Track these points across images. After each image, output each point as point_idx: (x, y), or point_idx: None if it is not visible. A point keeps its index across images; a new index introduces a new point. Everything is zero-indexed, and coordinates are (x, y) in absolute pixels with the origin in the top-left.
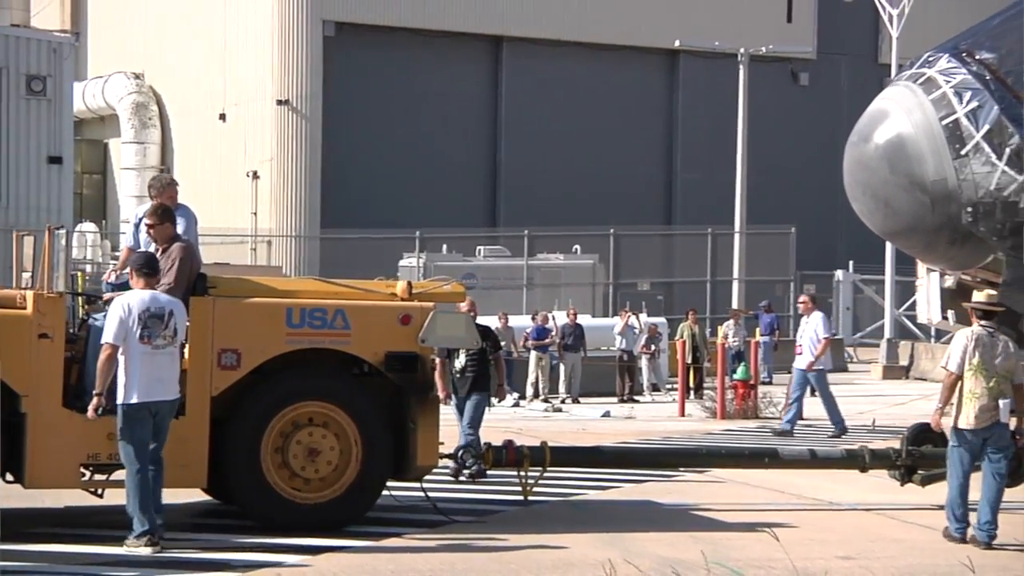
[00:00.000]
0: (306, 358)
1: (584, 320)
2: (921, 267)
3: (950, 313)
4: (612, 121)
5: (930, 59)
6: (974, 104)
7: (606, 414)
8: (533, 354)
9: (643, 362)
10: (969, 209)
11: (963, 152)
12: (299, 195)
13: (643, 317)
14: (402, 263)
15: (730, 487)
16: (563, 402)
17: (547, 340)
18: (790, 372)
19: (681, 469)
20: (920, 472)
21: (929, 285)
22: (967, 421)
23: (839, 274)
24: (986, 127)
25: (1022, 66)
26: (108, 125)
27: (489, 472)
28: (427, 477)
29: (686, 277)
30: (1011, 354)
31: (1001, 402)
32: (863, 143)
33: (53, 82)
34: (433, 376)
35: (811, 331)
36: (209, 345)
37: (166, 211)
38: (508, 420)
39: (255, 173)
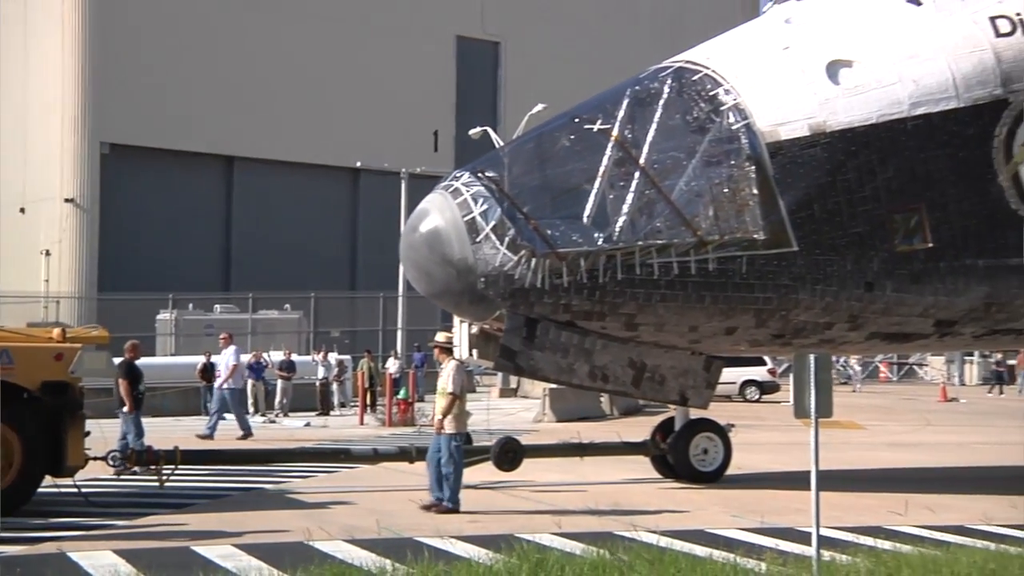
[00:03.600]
0: None
1: (295, 358)
2: (456, 319)
3: (474, 351)
4: (314, 216)
5: (457, 175)
6: (485, 207)
7: (307, 424)
8: (250, 382)
9: (334, 387)
10: (482, 279)
11: (478, 240)
12: (81, 267)
13: (334, 355)
14: (159, 317)
15: (395, 474)
16: (277, 416)
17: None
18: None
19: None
20: None
21: (461, 331)
22: (462, 427)
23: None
24: (492, 223)
25: (519, 180)
26: None
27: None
28: None
29: (365, 327)
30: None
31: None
32: (412, 232)
33: None
34: (81, 399)
35: (225, 359)
36: None
37: None
38: (234, 430)
39: (47, 251)
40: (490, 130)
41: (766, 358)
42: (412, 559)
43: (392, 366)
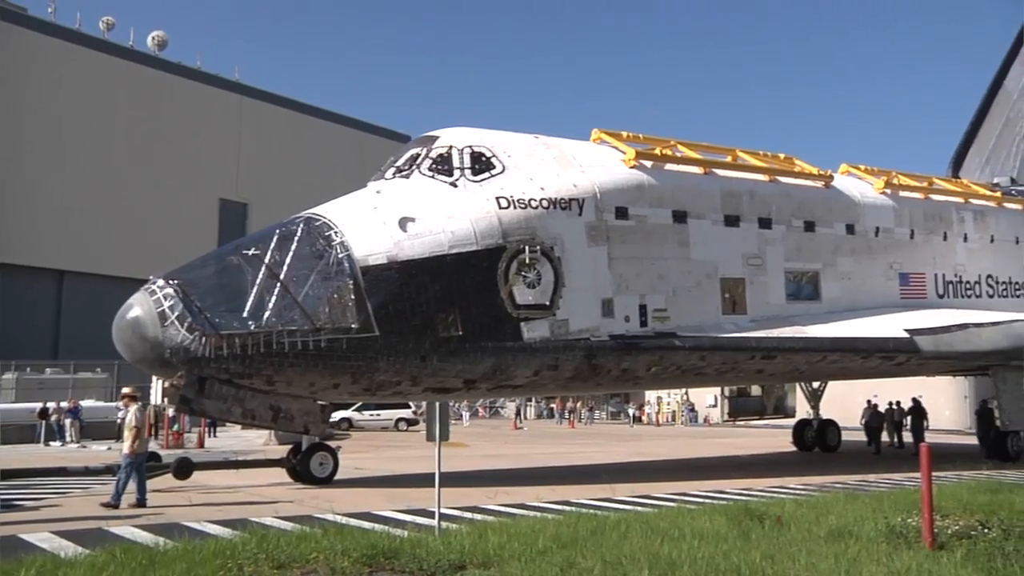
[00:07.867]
0: None
1: (101, 404)
2: (154, 378)
3: (165, 398)
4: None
5: (155, 280)
6: (172, 302)
7: (109, 448)
8: (68, 420)
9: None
10: (168, 351)
11: (166, 324)
12: None
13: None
14: (4, 376)
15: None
16: (84, 443)
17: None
18: (200, 426)
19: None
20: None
21: (157, 385)
22: (141, 449)
23: None
24: (177, 313)
25: (197, 285)
26: None
27: None
28: None
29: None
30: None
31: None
32: (121, 319)
33: None
34: None
35: None
36: None
37: None
38: (63, 452)
39: None
40: None
41: (411, 403)
42: (178, 537)
43: (170, 409)
